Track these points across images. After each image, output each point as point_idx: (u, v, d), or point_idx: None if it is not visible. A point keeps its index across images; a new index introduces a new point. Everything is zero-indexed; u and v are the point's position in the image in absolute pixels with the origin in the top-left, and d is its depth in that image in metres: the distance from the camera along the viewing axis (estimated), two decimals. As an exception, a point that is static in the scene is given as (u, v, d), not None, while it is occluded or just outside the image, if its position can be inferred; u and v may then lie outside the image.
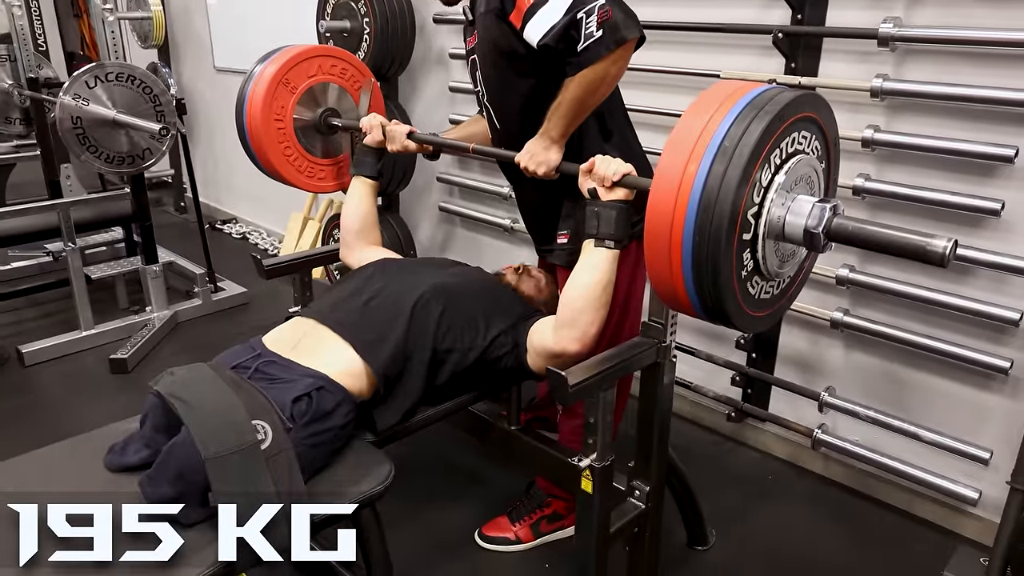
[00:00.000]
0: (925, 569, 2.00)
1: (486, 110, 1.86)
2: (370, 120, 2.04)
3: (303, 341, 1.59)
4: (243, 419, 1.30)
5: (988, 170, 1.93)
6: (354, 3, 3.14)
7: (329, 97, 2.26)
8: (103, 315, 3.42)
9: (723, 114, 1.15)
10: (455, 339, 1.63)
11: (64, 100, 2.85)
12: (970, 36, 1.86)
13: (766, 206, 1.19)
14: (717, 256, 1.13)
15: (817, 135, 1.29)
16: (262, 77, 2.12)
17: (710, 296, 1.18)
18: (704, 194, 1.12)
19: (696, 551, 2.11)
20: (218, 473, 1.25)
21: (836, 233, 1.20)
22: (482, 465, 2.47)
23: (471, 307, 1.69)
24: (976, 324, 2.02)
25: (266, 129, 2.12)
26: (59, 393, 2.94)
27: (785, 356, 2.46)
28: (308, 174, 2.26)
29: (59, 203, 3.21)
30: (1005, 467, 1.91)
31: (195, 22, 4.97)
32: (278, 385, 1.44)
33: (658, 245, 1.18)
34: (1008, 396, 2.02)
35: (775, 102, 1.16)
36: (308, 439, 1.40)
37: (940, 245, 1.10)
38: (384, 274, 1.78)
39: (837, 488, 2.40)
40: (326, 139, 2.29)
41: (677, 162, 1.15)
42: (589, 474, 1.51)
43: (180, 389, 1.36)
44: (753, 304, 1.28)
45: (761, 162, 1.15)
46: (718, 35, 2.35)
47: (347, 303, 1.68)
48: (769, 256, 1.24)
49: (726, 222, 1.12)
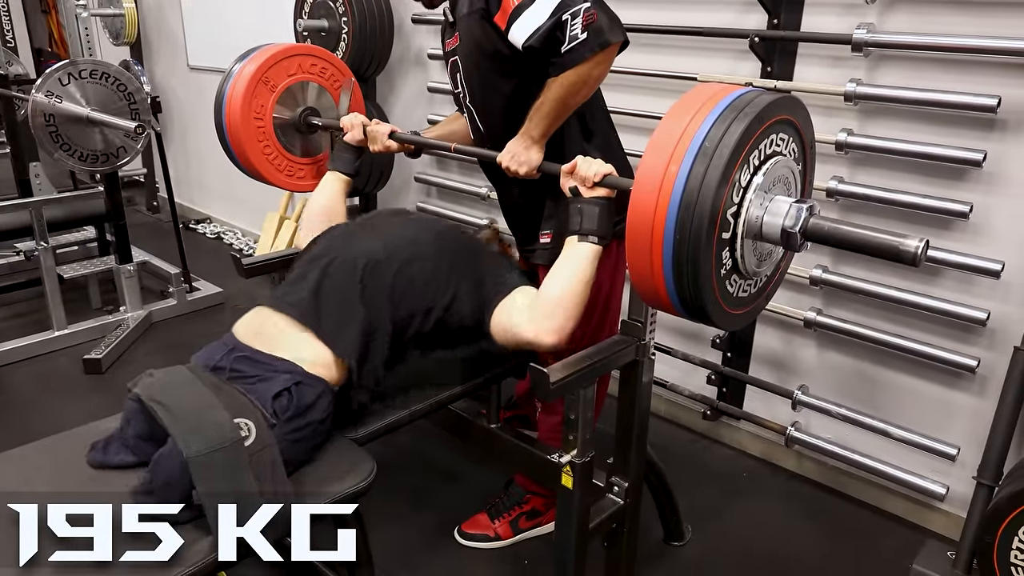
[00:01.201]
0: (894, 563, 2.05)
1: (468, 112, 1.87)
2: (351, 119, 2.04)
3: (265, 329, 1.57)
4: (224, 418, 1.30)
5: (958, 173, 1.98)
6: (332, 2, 3.13)
7: (309, 96, 2.25)
8: (76, 315, 3.37)
9: (704, 115, 1.17)
10: (413, 302, 1.59)
11: (36, 97, 2.81)
12: (941, 43, 1.90)
13: (745, 206, 1.21)
14: (697, 255, 1.15)
15: (794, 137, 1.32)
16: (241, 75, 2.11)
17: (690, 294, 1.21)
18: (685, 194, 1.14)
19: (673, 547, 2.14)
20: (201, 472, 1.25)
21: (812, 233, 1.23)
22: (462, 463, 2.48)
23: (428, 262, 1.65)
24: (945, 324, 2.07)
25: (245, 127, 2.11)
26: (32, 394, 2.90)
27: (759, 355, 2.50)
28: (287, 173, 2.25)
29: (31, 201, 3.16)
30: (972, 463, 1.96)
31: (168, 19, 4.92)
32: (255, 382, 1.44)
33: (639, 244, 1.20)
34: (975, 394, 2.07)
35: (754, 104, 1.19)
36: (290, 435, 1.39)
37: (912, 245, 1.13)
38: (329, 245, 1.71)
39: (810, 485, 2.44)
40: (306, 138, 2.28)
41: (659, 162, 1.17)
42: (569, 470, 1.53)
43: (159, 392, 1.35)
44: (732, 302, 1.31)
45: (740, 163, 1.17)
46: (696, 39, 2.38)
47: (298, 286, 1.63)
48: (747, 255, 1.26)
49: (706, 221, 1.14)
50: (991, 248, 1.95)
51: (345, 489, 1.42)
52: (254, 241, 4.62)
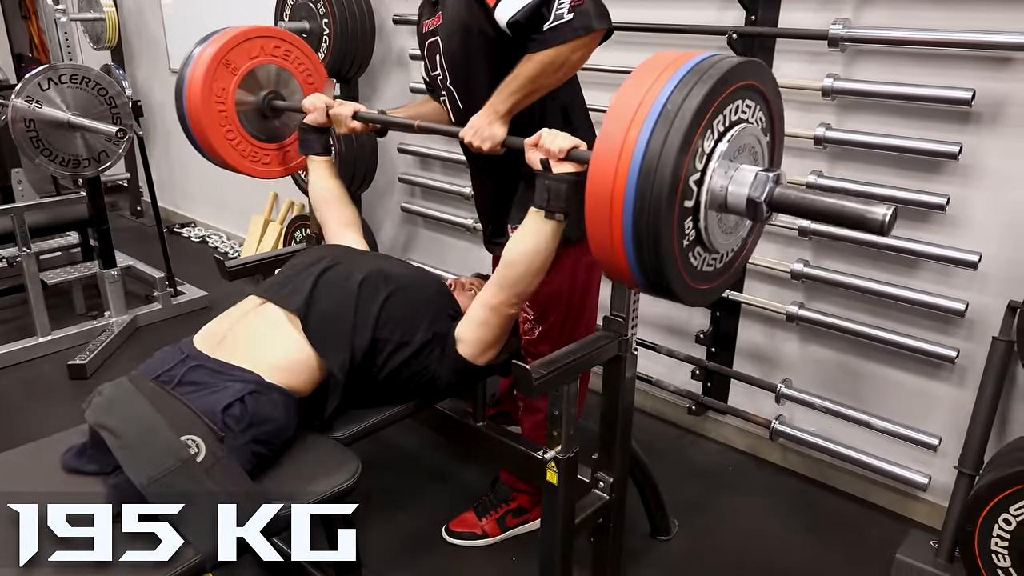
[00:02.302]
0: (879, 554, 2.07)
1: (448, 93, 1.82)
2: (313, 101, 1.99)
3: (235, 329, 1.57)
4: (170, 438, 1.30)
5: (934, 166, 2.00)
6: (313, 4, 3.13)
7: (273, 79, 2.19)
8: (60, 321, 3.36)
9: (665, 80, 1.14)
10: (392, 330, 1.62)
11: (16, 103, 2.79)
12: (916, 37, 1.93)
13: (708, 173, 1.17)
14: (658, 222, 1.12)
15: (762, 106, 1.28)
16: (201, 58, 2.04)
17: (651, 265, 1.16)
18: (645, 159, 1.10)
19: (659, 541, 2.15)
20: (159, 496, 1.25)
21: (778, 202, 1.18)
22: (448, 461, 2.49)
23: (415, 300, 1.68)
24: (924, 315, 2.09)
25: (207, 112, 2.04)
26: (17, 400, 2.88)
27: (743, 350, 2.52)
28: (252, 159, 2.18)
29: (13, 207, 3.14)
30: (953, 453, 1.98)
31: (149, 23, 4.89)
32: (206, 393, 1.41)
33: (599, 212, 1.16)
34: (955, 384, 2.10)
35: (718, 67, 1.15)
36: (252, 443, 1.39)
37: (879, 213, 1.09)
38: (331, 254, 1.76)
39: (795, 477, 2.47)
40: (271, 123, 2.22)
41: (619, 128, 1.13)
42: (554, 466, 1.54)
43: (106, 415, 1.35)
44: (695, 276, 1.26)
45: (704, 127, 1.13)
46: (675, 35, 2.39)
47: (290, 285, 1.64)
48: (712, 226, 1.22)
49: (667, 188, 1.10)
50: (968, 240, 1.97)
51: (330, 488, 1.43)
52: (239, 244, 4.60)
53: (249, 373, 1.46)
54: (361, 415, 1.69)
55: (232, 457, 1.33)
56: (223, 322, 1.61)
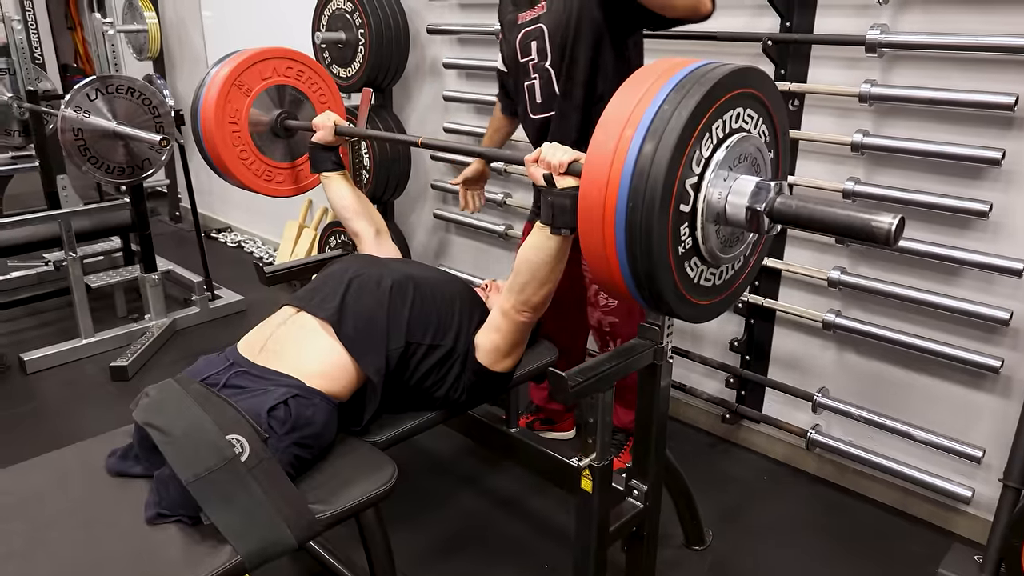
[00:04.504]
0: (920, 568, 2.03)
1: (542, 75, 1.99)
2: (322, 119, 2.03)
3: (275, 337, 1.60)
4: (216, 436, 1.32)
5: (976, 172, 1.97)
6: (349, 14, 3.17)
7: (286, 99, 2.22)
8: (102, 323, 3.44)
9: (660, 84, 1.12)
10: (424, 333, 1.64)
11: (66, 112, 2.87)
12: (955, 42, 1.89)
13: (706, 179, 1.14)
14: (651, 224, 1.07)
15: (763, 117, 1.24)
16: (215, 79, 2.07)
17: (644, 270, 1.12)
18: (638, 161, 1.07)
19: (693, 551, 2.14)
20: (203, 494, 1.28)
21: (780, 213, 1.13)
22: (481, 467, 2.49)
23: (443, 301, 1.71)
24: (966, 324, 2.05)
25: (220, 132, 2.08)
26: (61, 400, 2.96)
27: (778, 358, 2.49)
28: (266, 178, 2.21)
29: (60, 213, 3.23)
30: (997, 465, 1.94)
31: (190, 34, 5.00)
32: (250, 396, 1.45)
33: (592, 221, 1.12)
34: (999, 395, 2.05)
35: (715, 72, 1.13)
36: (290, 447, 1.41)
37: (885, 223, 1.04)
38: (349, 265, 1.78)
39: (831, 488, 2.43)
40: (284, 142, 2.25)
41: (612, 130, 1.10)
42: (588, 474, 1.54)
43: (154, 415, 1.39)
44: (692, 288, 1.21)
45: (700, 130, 1.10)
46: (709, 43, 2.38)
47: (321, 292, 1.68)
48: (709, 236, 1.17)
49: (660, 187, 1.06)
50: (1012, 247, 1.93)
51: (367, 493, 1.44)
52: (274, 249, 4.67)
53: (291, 378, 1.49)
54: (397, 420, 1.70)
55: (274, 458, 1.35)
56: (263, 331, 1.64)
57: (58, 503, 1.40)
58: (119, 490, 1.42)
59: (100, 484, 1.44)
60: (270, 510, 1.29)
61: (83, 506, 1.39)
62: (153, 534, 1.31)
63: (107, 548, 1.29)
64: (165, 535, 1.31)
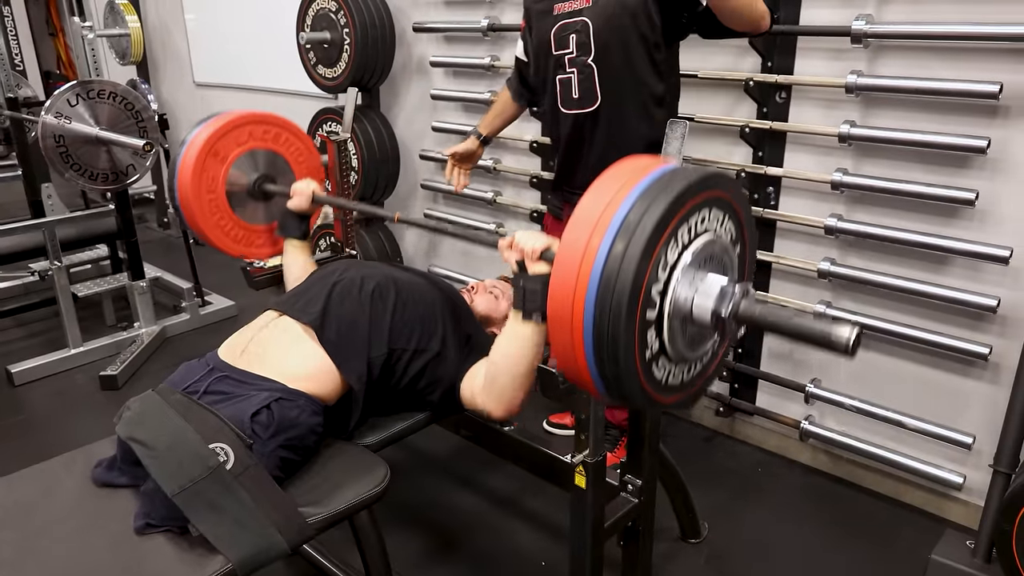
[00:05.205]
0: (913, 554, 2.04)
1: (581, 70, 1.95)
2: (302, 186, 2.00)
3: (256, 340, 1.58)
4: (199, 446, 1.31)
5: (962, 161, 1.97)
6: (334, 14, 3.16)
7: (264, 162, 2.18)
8: (91, 332, 3.41)
9: (628, 189, 1.12)
10: (408, 337, 1.63)
11: (46, 119, 2.84)
12: (941, 31, 1.90)
13: (672, 284, 1.14)
14: (618, 333, 1.08)
15: (730, 215, 1.25)
16: (193, 146, 2.04)
17: (612, 377, 1.13)
18: (606, 268, 1.08)
19: (690, 544, 2.14)
20: (189, 505, 1.27)
21: (745, 317, 1.14)
22: (476, 466, 2.49)
23: (426, 301, 1.69)
24: (955, 312, 2.06)
25: (197, 202, 2.04)
26: (50, 411, 2.93)
27: (771, 350, 2.50)
28: (245, 243, 2.17)
29: (44, 222, 3.20)
30: (988, 451, 1.95)
31: (174, 37, 4.97)
32: (232, 402, 1.43)
33: (561, 323, 1.13)
34: (988, 381, 2.06)
35: (682, 178, 1.13)
36: (279, 449, 1.40)
37: (844, 334, 1.05)
38: (334, 268, 1.77)
39: (825, 478, 2.44)
40: (262, 205, 2.20)
41: (580, 236, 1.11)
42: (582, 470, 1.54)
43: (137, 429, 1.37)
44: (660, 388, 1.21)
45: (666, 238, 1.11)
46: (694, 38, 2.37)
47: (304, 297, 1.67)
48: (676, 337, 1.17)
49: (627, 298, 1.07)
50: (999, 234, 1.94)
51: (360, 495, 1.44)
52: (264, 254, 4.64)
53: (273, 382, 1.48)
54: (388, 422, 1.70)
55: (260, 464, 1.35)
56: (244, 334, 1.63)
57: (47, 513, 1.38)
58: (108, 500, 1.41)
59: (89, 494, 1.43)
60: (259, 516, 1.28)
61: (73, 516, 1.38)
62: (143, 543, 1.30)
63: (97, 557, 1.28)
64: (155, 544, 1.30)
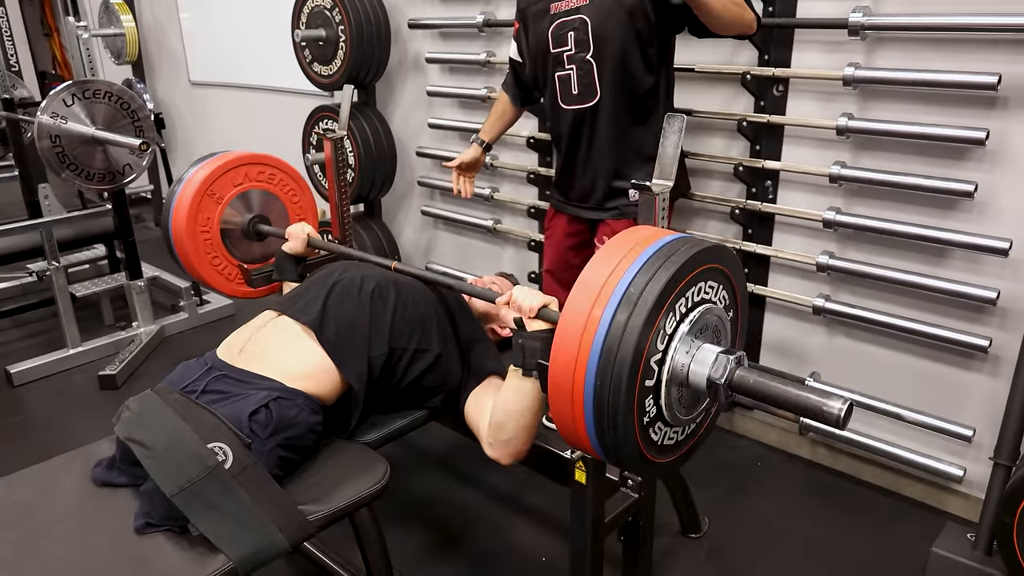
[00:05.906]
0: (914, 547, 2.04)
1: (580, 66, 1.99)
2: (296, 230, 2.00)
3: (255, 339, 1.58)
4: (198, 446, 1.31)
5: (961, 153, 1.97)
6: (329, 11, 3.15)
7: (258, 203, 2.20)
8: (90, 332, 3.41)
9: (630, 261, 1.16)
10: (409, 337, 1.63)
11: (42, 119, 2.83)
12: (938, 22, 1.90)
13: (670, 354, 1.17)
14: (618, 402, 1.12)
15: (724, 285, 1.29)
16: (188, 186, 2.05)
17: (611, 443, 1.16)
18: (607, 339, 1.11)
19: (690, 539, 2.14)
20: (188, 505, 1.27)
21: (739, 386, 1.17)
22: (475, 463, 2.48)
23: (425, 301, 1.69)
24: (955, 304, 2.06)
25: (192, 241, 2.06)
26: (50, 411, 2.93)
27: (769, 344, 2.49)
28: (238, 281, 2.18)
29: (41, 222, 3.19)
30: (988, 444, 1.95)
31: (169, 37, 4.95)
32: (230, 401, 1.43)
33: (562, 390, 1.16)
34: (988, 374, 2.06)
35: (682, 252, 1.16)
36: (278, 448, 1.40)
37: (835, 407, 1.07)
38: (333, 269, 1.77)
39: (825, 472, 2.44)
40: (257, 244, 2.23)
41: (583, 306, 1.15)
42: (583, 465, 1.53)
43: (135, 429, 1.37)
44: (656, 450, 1.25)
45: (665, 310, 1.14)
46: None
47: (304, 297, 1.67)
48: (673, 403, 1.21)
49: (627, 369, 1.10)
50: (998, 226, 1.94)
51: (360, 492, 1.44)
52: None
53: (272, 381, 1.48)
54: (388, 419, 1.69)
55: (259, 463, 1.34)
56: (243, 334, 1.63)
57: (47, 513, 1.38)
58: (108, 500, 1.40)
59: (89, 494, 1.43)
60: (259, 515, 1.28)
61: (73, 516, 1.37)
62: (143, 543, 1.30)
63: (97, 557, 1.27)
64: (155, 543, 1.30)
